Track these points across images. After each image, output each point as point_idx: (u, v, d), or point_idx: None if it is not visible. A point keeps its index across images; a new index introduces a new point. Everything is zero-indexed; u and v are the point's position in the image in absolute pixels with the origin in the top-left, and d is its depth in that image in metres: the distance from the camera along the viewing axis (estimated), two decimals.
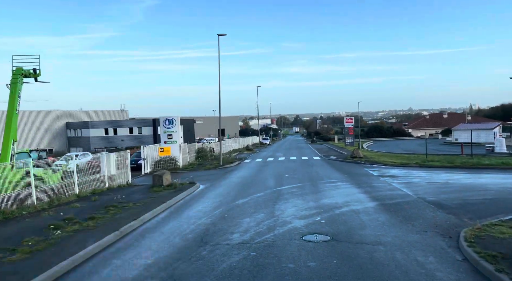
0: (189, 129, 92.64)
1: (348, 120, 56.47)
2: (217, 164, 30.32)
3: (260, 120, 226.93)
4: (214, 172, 25.67)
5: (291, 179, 19.55)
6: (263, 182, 19.01)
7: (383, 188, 15.80)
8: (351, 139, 56.03)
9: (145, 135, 70.38)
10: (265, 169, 25.67)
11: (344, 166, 26.42)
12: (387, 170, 23.02)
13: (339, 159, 32.61)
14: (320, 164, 28.27)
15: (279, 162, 31.77)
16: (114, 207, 12.63)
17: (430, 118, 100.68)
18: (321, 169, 24.43)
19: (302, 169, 24.94)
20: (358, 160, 29.67)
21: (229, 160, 33.06)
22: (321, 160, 32.35)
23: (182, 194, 15.71)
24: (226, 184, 19.05)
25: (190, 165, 30.36)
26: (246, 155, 43.92)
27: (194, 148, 35.01)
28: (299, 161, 32.04)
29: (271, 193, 15.20)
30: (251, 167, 28.32)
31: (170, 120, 30.40)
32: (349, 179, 19.00)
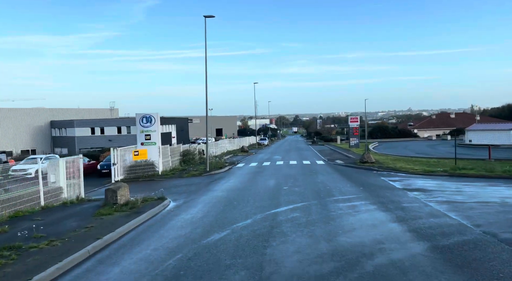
0: (183, 129, 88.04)
1: (352, 120, 51.88)
2: (203, 170, 25.71)
3: (259, 120, 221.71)
4: (197, 181, 21.06)
5: (290, 194, 14.93)
6: (253, 198, 14.39)
7: (421, 212, 11.18)
8: (356, 140, 51.42)
9: (134, 134, 65.48)
10: (259, 178, 21.04)
11: (355, 174, 21.78)
12: (411, 180, 18.40)
13: (347, 164, 27.99)
14: (325, 171, 23.64)
15: (277, 167, 27.14)
16: (11, 249, 8.01)
17: (436, 118, 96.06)
18: (328, 178, 19.80)
19: (305, 177, 20.31)
20: (370, 166, 25.06)
21: (219, 164, 28.43)
22: (326, 165, 27.72)
23: (138, 219, 11.11)
24: (205, 201, 14.42)
25: (172, 171, 25.74)
26: (240, 158, 39.30)
27: (179, 151, 30.37)
28: (300, 166, 27.42)
29: (262, 221, 10.57)
30: (243, 174, 23.69)
31: (148, 118, 25.79)
32: (368, 195, 14.37)
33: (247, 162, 33.32)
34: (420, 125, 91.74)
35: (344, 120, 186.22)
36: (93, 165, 29.14)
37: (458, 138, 75.74)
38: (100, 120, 67.79)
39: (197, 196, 15.60)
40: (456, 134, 78.77)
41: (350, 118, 52.09)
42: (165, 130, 76.25)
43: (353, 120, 51.93)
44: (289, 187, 16.99)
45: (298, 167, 26.77)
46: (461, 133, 78.89)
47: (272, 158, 37.15)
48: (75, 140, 65.47)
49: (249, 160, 35.68)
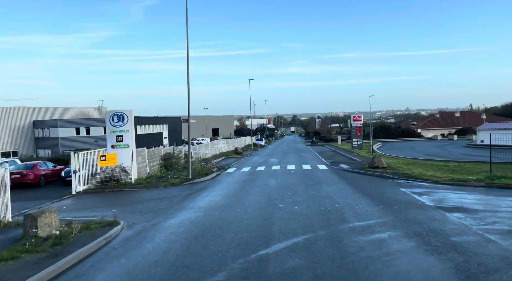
0: (176, 129, 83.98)
1: (355, 118, 47.93)
2: (185, 178, 21.74)
3: (256, 119, 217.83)
4: (173, 193, 17.09)
5: (288, 218, 10.96)
6: (236, 224, 10.42)
7: (489, 255, 7.23)
8: (360, 140, 47.48)
9: None
10: (250, 189, 17.05)
11: (367, 183, 17.81)
12: (441, 193, 14.45)
13: (354, 169, 24.03)
14: (330, 179, 19.67)
15: (272, 174, 23.16)
16: None
17: (440, 117, 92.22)
18: (335, 190, 15.83)
19: (306, 189, 16.33)
20: (383, 172, 21.13)
21: (205, 170, 24.43)
22: (329, 171, 23.76)
23: (52, 268, 7.12)
24: (170, 228, 10.45)
25: (148, 179, 21.75)
26: (233, 161, 35.32)
27: (160, 154, 26.36)
28: (299, 172, 23.44)
29: (241, 278, 6.57)
30: (231, 183, 19.70)
31: (120, 116, 21.81)
32: (394, 219, 10.42)
33: (239, 166, 29.36)
34: (423, 124, 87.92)
35: (342, 119, 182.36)
36: (58, 171, 25.14)
37: (465, 137, 72.09)
38: (86, 119, 63.68)
39: (164, 219, 11.63)
40: (463, 134, 75.13)
41: (352, 116, 48.14)
42: (155, 130, 72.25)
43: (356, 119, 47.99)
44: (286, 204, 13.01)
45: (297, 173, 22.80)
46: (467, 132, 75.20)
47: (267, 161, 33.18)
48: (58, 141, 61.38)
49: (242, 164, 31.71)
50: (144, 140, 64.84)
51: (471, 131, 75.69)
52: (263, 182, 19.06)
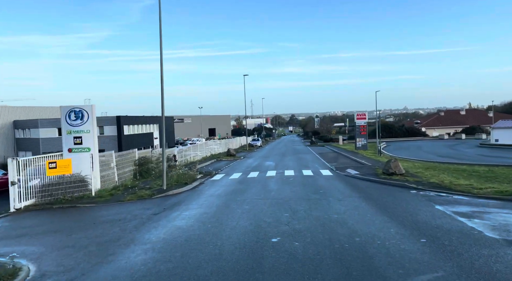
0: (168, 129, 79.81)
1: (359, 116, 43.90)
2: (159, 188, 17.66)
3: (254, 119, 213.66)
4: (134, 212, 13.01)
5: (284, 269, 6.86)
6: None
7: None
8: (364, 140, 43.48)
9: (107, 136, 57.49)
10: (234, 207, 12.93)
11: (388, 198, 13.70)
12: (498, 215, 10.39)
13: (365, 175, 19.95)
14: (339, 191, 15.57)
15: (266, 183, 19.04)
16: None
17: (445, 115, 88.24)
18: (351, 210, 11.72)
19: (310, 209, 12.20)
20: (403, 180, 17.07)
21: (186, 177, 20.30)
22: (336, 179, 19.66)
23: None
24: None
25: (113, 190, 17.65)
26: (223, 164, 31.24)
27: (133, 159, 22.23)
28: (299, 180, 19.33)
29: None
30: (213, 196, 15.59)
31: (78, 113, 17.75)
32: (458, 272, 6.36)
33: (228, 171, 25.27)
34: (427, 123, 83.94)
35: (341, 119, 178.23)
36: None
37: (474, 136, 68.22)
38: None
39: (92, 266, 7.54)
40: (471, 132, 71.23)
41: (356, 114, 44.10)
42: (145, 130, 68.07)
43: (360, 117, 43.95)
44: (283, 236, 8.92)
45: (296, 182, 18.71)
46: (475, 131, 71.36)
47: (262, 165, 29.10)
48: (39, 142, 57.15)
49: (233, 168, 27.62)
50: (132, 141, 60.68)
51: (479, 130, 71.85)
52: (253, 196, 14.96)
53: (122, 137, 57.61)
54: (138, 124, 63.93)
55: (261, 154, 45.20)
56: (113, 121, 57.85)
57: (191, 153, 38.13)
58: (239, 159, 36.67)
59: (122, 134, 57.66)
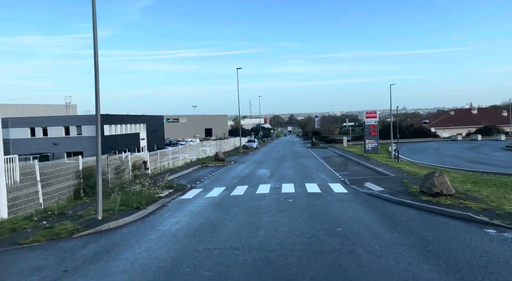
0: (157, 129, 73.82)
1: (369, 115, 38.02)
2: (93, 217, 11.74)
3: (253, 119, 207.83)
4: (10, 278, 7.03)
5: None
6: None
7: None
8: (375, 142, 37.64)
9: (86, 136, 51.63)
10: (187, 272, 6.99)
11: (467, 253, 7.73)
12: None
13: (396, 194, 13.99)
14: (373, 232, 9.53)
15: (253, 209, 13.05)
16: None
17: (456, 114, 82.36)
18: None
19: (327, 273, 6.29)
20: (457, 206, 11.17)
21: (142, 197, 14.32)
22: (357, 202, 13.62)
23: None
24: None
25: (21, 223, 11.71)
26: (207, 172, 25.35)
27: (76, 169, 16.22)
28: (303, 205, 13.29)
29: None
30: (164, 236, 9.60)
31: None
32: None
33: (208, 185, 19.34)
34: (437, 123, 78.09)
35: (340, 119, 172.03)
36: None
37: (491, 137, 62.51)
38: (43, 118, 53.49)
39: None
40: (487, 133, 65.52)
41: (366, 112, 38.20)
42: (130, 130, 62.12)
43: (370, 116, 38.06)
44: None
45: (299, 208, 12.76)
46: (491, 131, 65.61)
47: (254, 174, 23.17)
48: (10, 143, 51.16)
49: (216, 179, 21.68)
50: (114, 142, 54.71)
51: (495, 130, 66.13)
52: (229, 240, 9.00)
53: (102, 138, 51.65)
54: (121, 124, 58.01)
55: (256, 157, 39.28)
56: (92, 120, 51.92)
57: (179, 156, 32.37)
58: (228, 165, 30.76)
59: (102, 134, 51.70)
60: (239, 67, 49.17)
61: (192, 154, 39.58)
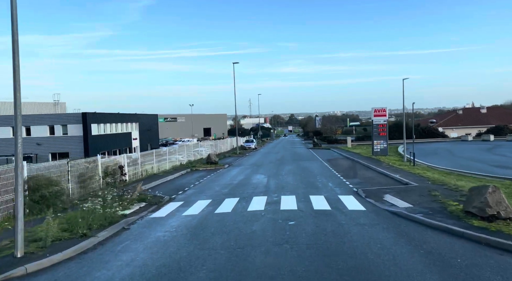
0: (151, 128, 70.30)
1: (378, 113, 34.55)
2: (11, 253, 8.24)
3: (252, 119, 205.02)
4: None
5: None
6: None
7: None
8: (384, 143, 34.25)
9: (72, 136, 48.18)
10: None
11: None
12: None
13: (431, 215, 10.51)
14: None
15: (240, 241, 9.59)
16: None
17: (464, 114, 78.80)
18: None
19: None
20: None
21: (96, 218, 10.86)
22: (380, 227, 10.09)
23: None
24: None
25: None
26: (194, 179, 21.90)
27: (22, 177, 12.76)
28: (309, 232, 9.78)
29: None
30: None
31: None
32: None
33: (191, 196, 15.86)
34: (445, 122, 74.56)
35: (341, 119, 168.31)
36: None
37: (505, 138, 59.12)
38: (26, 116, 49.88)
39: None
40: (499, 133, 62.10)
41: (374, 110, 34.68)
42: (122, 129, 58.68)
43: (379, 114, 34.62)
44: None
45: (305, 237, 9.30)
46: (502, 131, 62.17)
47: (248, 183, 19.65)
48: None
49: (202, 188, 18.17)
50: (103, 142, 51.24)
51: (507, 130, 62.70)
52: None
53: (89, 138, 48.20)
54: (111, 123, 54.51)
55: (253, 160, 35.79)
56: (78, 119, 48.47)
57: (169, 158, 28.94)
58: (221, 169, 27.30)
59: (89, 134, 48.25)
60: (235, 61, 45.61)
61: (187, 155, 36.23)
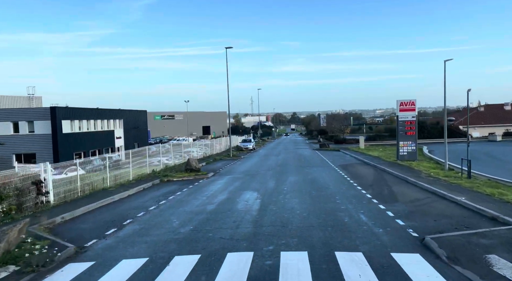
0: (138, 126, 63.36)
1: (404, 106, 27.40)
2: None
3: (254, 117, 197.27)
4: None
5: None
6: None
7: None
8: (412, 144, 27.19)
9: (40, 134, 41.29)
10: None
11: None
12: None
13: None
14: None
15: None
16: None
17: (486, 111, 71.59)
18: None
19: None
20: None
21: None
22: None
23: None
24: None
25: None
26: (154, 198, 14.83)
27: None
28: None
29: None
30: None
31: None
32: None
33: (118, 247, 8.79)
34: (465, 120, 67.35)
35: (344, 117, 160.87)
36: None
37: None
38: None
39: None
40: None
41: (399, 103, 27.51)
42: (102, 127, 51.78)
43: (406, 108, 27.53)
44: None
45: None
46: None
47: (230, 211, 12.52)
48: None
49: (150, 222, 11.04)
50: (78, 141, 44.37)
51: None
52: None
53: (59, 137, 41.26)
54: (88, 119, 47.56)
55: (247, 165, 28.74)
56: (45, 114, 41.53)
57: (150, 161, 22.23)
58: (201, 179, 20.29)
59: (59, 132, 41.31)
60: (228, 46, 38.56)
61: (175, 156, 29.63)
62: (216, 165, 28.20)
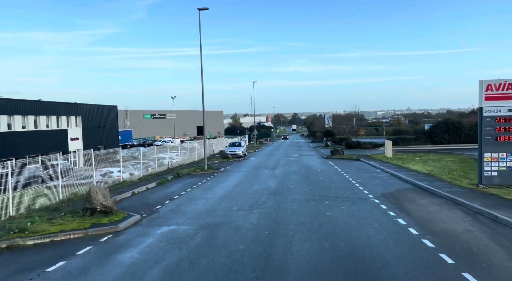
0: (104, 125, 51.55)
1: (494, 92, 15.73)
2: None
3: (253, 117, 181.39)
4: None
5: None
6: None
7: None
8: (511, 157, 15.36)
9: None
10: None
11: None
12: None
13: None
14: None
15: None
16: None
17: None
18: None
19: None
20: None
21: None
22: None
23: None
24: None
25: None
26: None
27: None
28: None
29: None
30: None
31: None
32: None
33: None
34: None
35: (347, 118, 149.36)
36: None
37: None
38: None
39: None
40: None
41: (486, 86, 15.84)
42: (50, 125, 40.08)
43: (499, 94, 15.80)
44: None
45: None
46: None
47: None
48: None
49: None
50: (12, 143, 32.87)
51: None
52: None
53: None
54: (25, 115, 35.82)
55: (217, 195, 16.99)
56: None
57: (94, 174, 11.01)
58: (104, 239, 8.62)
59: None
60: (203, 7, 26.70)
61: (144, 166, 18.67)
62: (164, 192, 16.44)
